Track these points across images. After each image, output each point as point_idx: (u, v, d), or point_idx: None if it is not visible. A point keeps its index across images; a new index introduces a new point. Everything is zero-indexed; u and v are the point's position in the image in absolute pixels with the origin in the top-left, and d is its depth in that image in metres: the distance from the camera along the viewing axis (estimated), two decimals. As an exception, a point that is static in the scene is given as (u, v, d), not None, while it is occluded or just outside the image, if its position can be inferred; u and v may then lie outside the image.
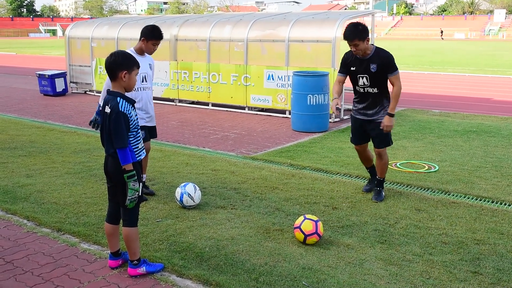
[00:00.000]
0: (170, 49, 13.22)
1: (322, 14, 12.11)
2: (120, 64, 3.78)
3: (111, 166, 3.84)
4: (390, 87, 5.62)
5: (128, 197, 3.78)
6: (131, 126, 3.79)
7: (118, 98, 3.76)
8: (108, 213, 4.07)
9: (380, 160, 5.81)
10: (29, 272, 4.03)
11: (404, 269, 4.10)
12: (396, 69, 5.50)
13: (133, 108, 3.84)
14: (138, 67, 3.93)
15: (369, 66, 5.47)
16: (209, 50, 12.61)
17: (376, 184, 5.90)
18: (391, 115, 5.53)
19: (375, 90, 5.59)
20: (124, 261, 4.13)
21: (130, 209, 3.88)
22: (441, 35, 73.25)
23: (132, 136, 3.82)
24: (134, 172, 3.78)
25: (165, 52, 13.03)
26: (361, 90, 5.64)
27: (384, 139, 5.71)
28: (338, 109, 5.68)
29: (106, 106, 3.77)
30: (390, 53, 5.54)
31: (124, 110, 3.73)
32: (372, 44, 5.53)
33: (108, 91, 3.88)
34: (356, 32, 5.32)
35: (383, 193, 5.86)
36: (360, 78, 5.56)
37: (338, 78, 5.81)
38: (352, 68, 5.61)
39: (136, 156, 3.88)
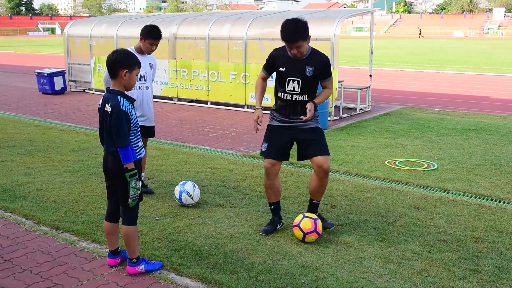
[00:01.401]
0: (169, 47, 13.21)
1: (321, 12, 12.09)
2: (121, 63, 3.76)
3: (112, 164, 3.83)
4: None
5: (130, 196, 3.78)
6: (131, 124, 3.79)
7: (119, 97, 3.76)
8: (107, 211, 4.07)
9: (323, 180, 4.64)
10: (28, 271, 4.03)
11: (403, 267, 4.10)
12: (331, 74, 4.71)
13: (133, 106, 3.84)
14: (139, 66, 3.93)
15: (305, 68, 4.52)
16: (208, 48, 12.60)
17: (312, 210, 4.83)
18: (315, 105, 4.57)
19: (305, 97, 4.60)
20: (123, 259, 4.13)
21: (130, 207, 3.88)
22: (420, 34, 73.69)
23: (132, 134, 3.82)
24: (136, 170, 3.78)
25: (164, 50, 13.01)
26: (288, 97, 4.62)
27: (323, 144, 4.66)
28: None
29: (106, 105, 3.76)
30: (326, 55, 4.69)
31: (125, 108, 3.73)
32: (309, 46, 4.61)
33: (108, 89, 3.87)
34: (298, 32, 4.39)
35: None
36: (290, 81, 4.58)
37: (261, 74, 4.90)
38: (281, 69, 4.61)
39: (137, 154, 3.88)
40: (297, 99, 4.61)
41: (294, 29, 4.39)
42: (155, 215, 5.21)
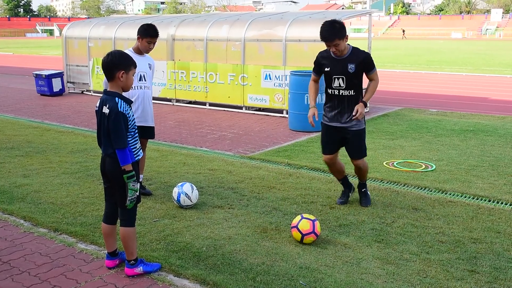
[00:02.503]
0: (167, 48, 13.21)
1: (320, 14, 12.11)
2: (117, 64, 3.77)
3: (110, 166, 3.83)
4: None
5: (128, 198, 3.78)
6: (129, 126, 3.79)
7: (117, 99, 3.76)
8: (105, 213, 4.07)
9: (360, 170, 5.53)
10: (26, 272, 4.03)
11: (401, 268, 4.11)
12: (374, 66, 5.20)
13: (130, 108, 3.84)
14: (135, 66, 3.93)
15: (347, 66, 5.06)
16: (206, 49, 12.60)
17: (359, 187, 5.65)
18: (365, 104, 5.17)
19: (351, 92, 5.17)
20: (121, 261, 4.13)
21: (128, 209, 3.87)
22: (403, 35, 74.31)
23: (130, 136, 3.82)
24: (134, 172, 3.78)
25: (162, 51, 13.02)
26: (335, 92, 5.20)
27: (360, 150, 5.38)
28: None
29: (104, 107, 3.76)
30: (367, 51, 5.27)
31: (123, 110, 3.73)
32: (350, 45, 5.17)
33: (105, 91, 3.87)
34: (335, 31, 4.91)
35: (369, 194, 5.67)
36: (336, 79, 5.14)
37: (312, 77, 5.44)
38: (326, 69, 5.19)
39: (135, 156, 3.88)
40: (344, 94, 5.18)
41: (331, 28, 4.93)
42: (153, 217, 5.21)
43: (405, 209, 5.47)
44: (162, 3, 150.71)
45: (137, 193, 3.83)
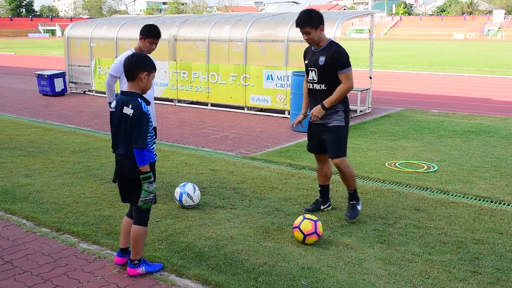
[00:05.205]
0: (169, 49, 13.22)
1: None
2: (141, 65, 3.81)
3: (128, 166, 3.80)
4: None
5: (141, 198, 3.77)
6: (150, 127, 3.82)
7: (139, 99, 3.76)
8: (130, 208, 4.09)
9: (342, 174, 5.15)
10: (28, 272, 4.03)
11: (403, 268, 4.10)
12: (347, 66, 4.91)
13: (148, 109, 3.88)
14: (155, 70, 3.99)
15: (319, 58, 4.95)
16: (208, 50, 12.61)
17: (348, 198, 5.25)
18: (324, 108, 4.92)
19: (322, 86, 4.98)
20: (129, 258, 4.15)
21: (142, 209, 3.88)
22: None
23: (149, 137, 3.83)
24: (151, 173, 3.77)
25: (164, 52, 13.03)
26: (310, 86, 5.10)
27: (335, 148, 5.05)
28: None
29: (126, 107, 3.74)
30: (345, 49, 4.97)
31: (146, 110, 3.75)
32: (330, 39, 5.01)
33: (124, 92, 3.87)
34: (308, 19, 4.85)
35: (358, 207, 5.19)
36: (310, 71, 5.06)
37: (305, 77, 5.23)
38: (306, 62, 5.14)
39: (154, 156, 3.91)
40: (316, 88, 5.05)
41: (305, 15, 4.86)
42: (155, 217, 5.21)
43: (407, 210, 5.47)
44: (164, 3, 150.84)
45: (152, 195, 3.81)
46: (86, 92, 15.75)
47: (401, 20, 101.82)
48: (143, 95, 3.89)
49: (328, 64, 4.89)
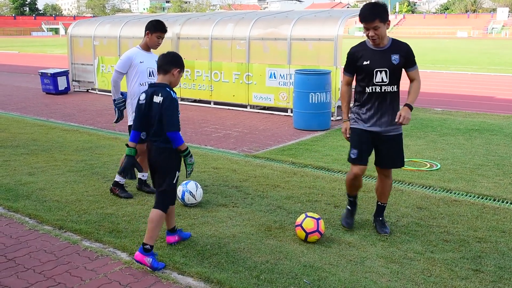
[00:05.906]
0: (172, 47, 13.22)
1: (324, 12, 12.09)
2: (176, 62, 4.19)
3: (156, 153, 4.11)
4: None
5: (188, 172, 4.22)
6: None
7: (168, 88, 4.08)
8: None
9: (388, 186, 4.86)
10: (31, 270, 4.04)
11: (405, 267, 4.10)
12: (416, 63, 4.67)
13: None
14: (184, 71, 4.31)
15: (390, 57, 4.46)
16: (211, 48, 12.61)
17: (376, 214, 4.94)
18: (411, 107, 4.57)
19: (394, 88, 4.59)
20: (180, 238, 4.48)
21: (165, 194, 4.14)
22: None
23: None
24: (189, 149, 4.17)
25: (167, 50, 13.01)
26: (377, 89, 4.54)
27: (400, 156, 4.80)
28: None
29: (155, 96, 4.05)
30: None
31: (175, 97, 4.08)
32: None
33: (153, 84, 4.17)
34: (377, 11, 4.31)
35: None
36: (378, 73, 4.49)
37: (345, 79, 4.72)
38: (365, 63, 4.49)
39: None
40: (386, 90, 4.56)
41: (373, 8, 4.34)
42: (157, 215, 5.21)
43: (409, 208, 5.46)
44: (167, 1, 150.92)
45: (193, 166, 4.26)
46: (89, 91, 15.78)
47: (404, 18, 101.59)
48: (136, 88, 4.18)
49: (402, 63, 4.53)
